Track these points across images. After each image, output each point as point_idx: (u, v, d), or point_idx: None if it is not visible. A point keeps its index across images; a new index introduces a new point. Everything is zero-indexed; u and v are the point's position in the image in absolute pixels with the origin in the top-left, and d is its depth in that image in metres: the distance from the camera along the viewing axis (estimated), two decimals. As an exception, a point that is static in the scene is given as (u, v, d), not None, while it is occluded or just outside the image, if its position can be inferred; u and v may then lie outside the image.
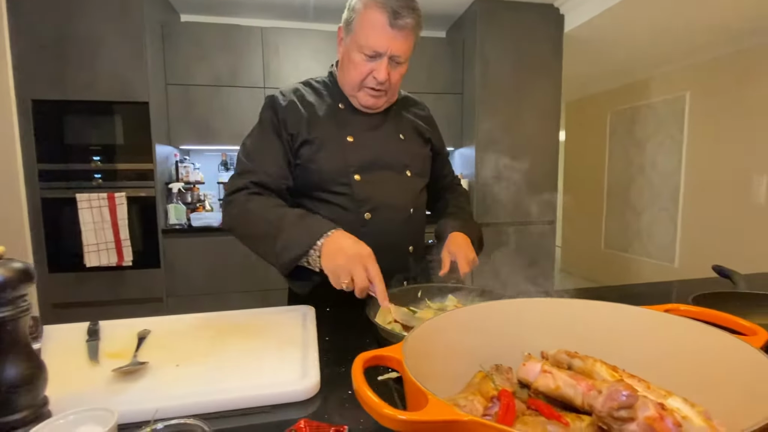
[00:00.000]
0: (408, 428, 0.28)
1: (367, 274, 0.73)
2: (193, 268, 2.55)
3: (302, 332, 0.74)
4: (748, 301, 0.79)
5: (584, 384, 0.42)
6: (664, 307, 0.49)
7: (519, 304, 0.56)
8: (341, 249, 0.74)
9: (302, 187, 0.97)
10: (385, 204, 0.96)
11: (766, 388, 0.33)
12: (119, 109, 2.41)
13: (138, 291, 2.49)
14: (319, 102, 0.98)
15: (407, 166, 1.01)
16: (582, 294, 1.09)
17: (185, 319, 0.81)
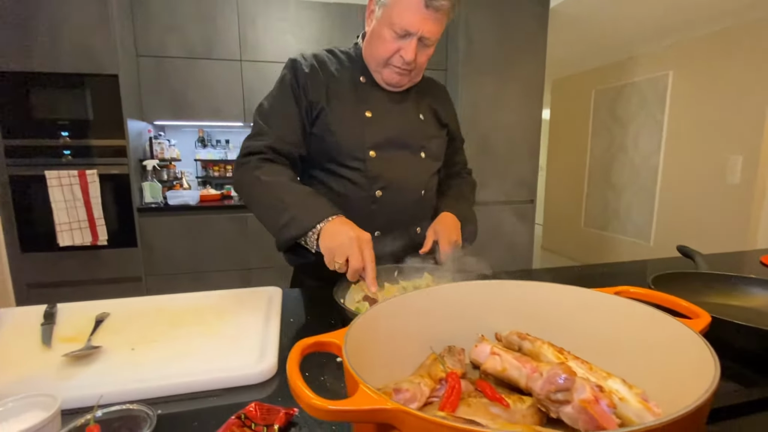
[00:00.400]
0: (336, 417, 0.28)
1: (362, 257, 0.74)
2: (172, 247, 2.51)
3: (265, 314, 0.73)
4: (705, 281, 0.81)
5: (529, 366, 0.42)
6: (614, 290, 0.50)
7: (477, 287, 0.56)
8: (341, 231, 0.75)
9: (316, 157, 0.96)
10: (397, 183, 0.96)
11: (704, 371, 0.34)
12: (87, 81, 2.30)
13: (115, 271, 2.45)
14: (340, 72, 0.95)
15: (423, 148, 1.00)
16: (551, 274, 1.10)
17: (147, 301, 0.79)
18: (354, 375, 0.32)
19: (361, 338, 0.42)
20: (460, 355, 0.50)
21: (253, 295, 0.83)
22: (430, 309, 0.53)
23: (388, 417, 0.28)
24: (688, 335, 0.39)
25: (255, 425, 0.45)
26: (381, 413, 0.28)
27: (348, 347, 0.37)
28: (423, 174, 1.01)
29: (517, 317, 0.55)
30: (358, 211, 0.93)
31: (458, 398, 0.41)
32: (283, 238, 0.80)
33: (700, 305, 0.81)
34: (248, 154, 0.90)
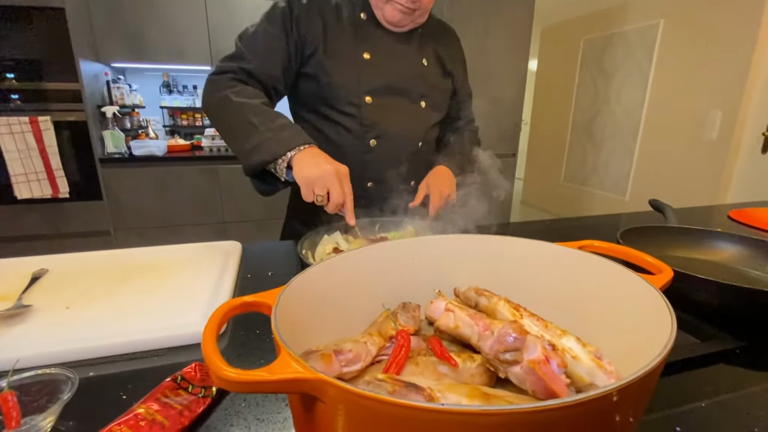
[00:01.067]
0: (249, 389, 0.24)
1: (342, 191, 0.71)
2: (140, 200, 2.41)
3: (220, 270, 0.69)
4: (672, 234, 0.80)
5: (481, 324, 0.40)
6: (578, 244, 0.47)
7: (437, 242, 0.53)
8: (317, 162, 0.71)
9: (308, 100, 0.90)
10: (393, 133, 0.90)
11: (662, 330, 0.31)
12: (30, 15, 2.05)
13: (81, 224, 2.35)
14: (340, 6, 0.86)
15: (423, 96, 0.93)
16: (522, 228, 1.09)
17: (91, 256, 0.74)
18: (277, 338, 0.28)
19: (303, 297, 0.39)
20: (415, 312, 0.47)
21: (209, 250, 0.78)
22: (386, 264, 0.49)
23: (309, 388, 0.25)
24: (648, 291, 0.36)
25: (192, 387, 0.42)
26: (299, 383, 0.24)
27: (280, 308, 0.33)
28: (421, 125, 0.95)
29: (479, 272, 0.52)
30: (350, 160, 0.87)
31: (406, 357, 0.39)
32: (250, 162, 0.75)
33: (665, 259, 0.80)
34: (221, 72, 0.82)
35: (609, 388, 0.23)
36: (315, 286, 0.41)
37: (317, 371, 0.32)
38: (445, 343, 0.44)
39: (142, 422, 0.36)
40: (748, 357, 0.50)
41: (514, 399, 0.32)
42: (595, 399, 0.22)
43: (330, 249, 0.75)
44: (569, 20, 4.15)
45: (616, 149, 3.70)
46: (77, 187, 2.29)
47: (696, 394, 0.44)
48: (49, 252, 0.76)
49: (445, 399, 0.32)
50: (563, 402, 0.22)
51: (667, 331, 0.30)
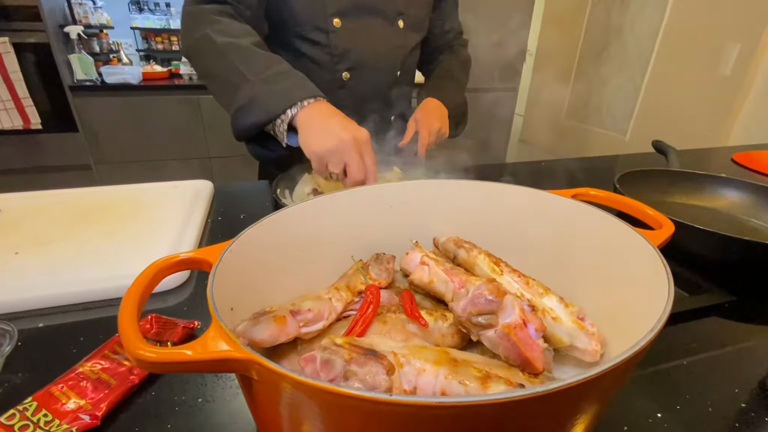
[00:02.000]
0: (169, 369, 0.21)
1: (364, 164, 0.56)
2: (118, 132, 2.28)
3: (187, 212, 0.64)
4: (673, 179, 0.75)
5: (457, 280, 0.36)
6: (572, 192, 0.42)
7: (415, 187, 0.48)
8: (331, 129, 0.56)
9: (275, 30, 0.77)
10: (368, 61, 0.80)
11: (657, 295, 0.28)
12: None
13: (58, 158, 2.25)
14: None
15: (400, 14, 0.80)
16: (517, 170, 1.03)
17: (47, 195, 0.68)
18: (210, 306, 0.24)
19: (258, 251, 0.34)
20: (389, 264, 0.43)
21: (176, 191, 0.73)
22: (359, 212, 0.45)
23: (239, 367, 0.21)
24: (645, 249, 0.32)
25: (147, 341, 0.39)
26: (227, 363, 0.21)
27: (224, 268, 0.29)
28: (400, 49, 0.84)
29: (463, 222, 0.48)
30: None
31: (374, 315, 0.36)
32: (241, 124, 0.61)
33: (664, 205, 0.76)
34: (199, 1, 0.67)
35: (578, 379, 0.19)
36: (272, 238, 0.36)
37: (264, 338, 0.29)
38: (419, 298, 0.41)
39: (84, 382, 0.33)
40: (739, 311, 0.48)
41: (484, 365, 0.30)
42: (566, 389, 0.19)
43: (309, 189, 0.70)
44: (588, -68, 3.70)
45: (623, 85, 3.52)
46: (49, 117, 2.15)
47: (683, 350, 0.42)
48: (26, 186, 0.70)
49: (409, 365, 0.29)
50: (528, 393, 0.18)
51: (662, 299, 0.26)
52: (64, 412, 0.31)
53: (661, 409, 0.35)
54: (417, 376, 0.29)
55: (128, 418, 0.33)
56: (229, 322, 0.29)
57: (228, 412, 0.34)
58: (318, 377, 0.28)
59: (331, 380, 0.27)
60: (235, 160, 2.55)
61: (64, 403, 0.31)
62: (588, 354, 0.34)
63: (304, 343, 0.35)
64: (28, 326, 0.42)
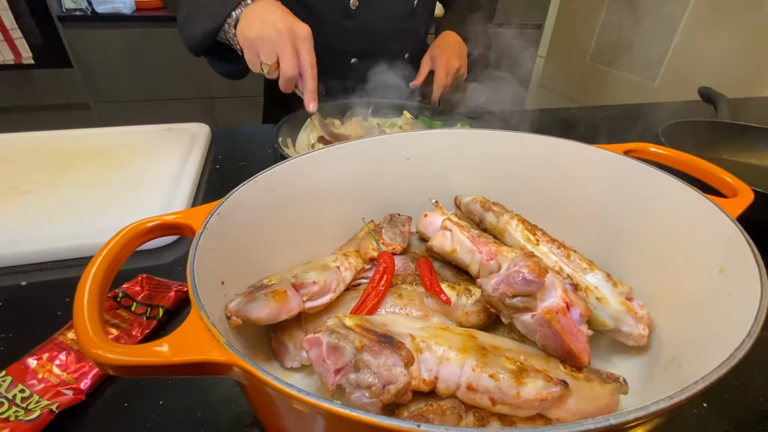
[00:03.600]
0: (144, 374, 0.17)
1: (297, 60, 0.52)
2: (114, 68, 2.16)
3: (182, 158, 0.59)
4: (723, 131, 0.67)
5: (485, 251, 0.31)
6: (624, 147, 0.36)
7: (438, 137, 0.41)
8: (268, 18, 0.51)
9: None
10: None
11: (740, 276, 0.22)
12: None
13: (54, 95, 2.15)
14: None
15: None
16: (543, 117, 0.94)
17: (33, 137, 0.63)
18: (189, 286, 0.19)
19: (253, 213, 0.29)
20: (404, 226, 0.38)
21: (171, 134, 0.66)
22: (370, 165, 0.39)
23: (221, 371, 0.17)
24: (721, 222, 0.26)
25: (136, 305, 0.35)
26: (206, 368, 0.16)
27: (210, 235, 0.24)
28: None
29: (489, 179, 0.42)
30: (328, 28, 0.70)
31: (387, 288, 0.32)
32: (190, 35, 0.56)
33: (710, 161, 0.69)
34: None
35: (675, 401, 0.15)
36: (269, 197, 0.31)
37: (262, 316, 0.25)
38: (437, 266, 0.36)
39: (65, 352, 0.30)
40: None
41: (517, 354, 0.25)
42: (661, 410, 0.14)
43: (315, 138, 0.63)
44: None
45: (659, 23, 3.20)
46: (40, 51, 2.03)
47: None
48: (22, 125, 0.64)
49: (429, 351, 0.25)
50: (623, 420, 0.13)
51: (750, 290, 0.21)
52: (43, 388, 0.28)
53: (706, 399, 0.32)
54: (439, 365, 0.25)
55: (116, 393, 0.30)
56: (220, 297, 0.25)
57: (224, 387, 0.31)
58: (324, 365, 0.24)
59: (338, 369, 0.24)
60: (239, 101, 2.43)
61: (44, 377, 0.28)
62: (632, 338, 0.29)
63: (310, 317, 0.31)
64: (10, 284, 0.39)
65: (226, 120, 2.42)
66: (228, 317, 0.25)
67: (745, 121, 0.68)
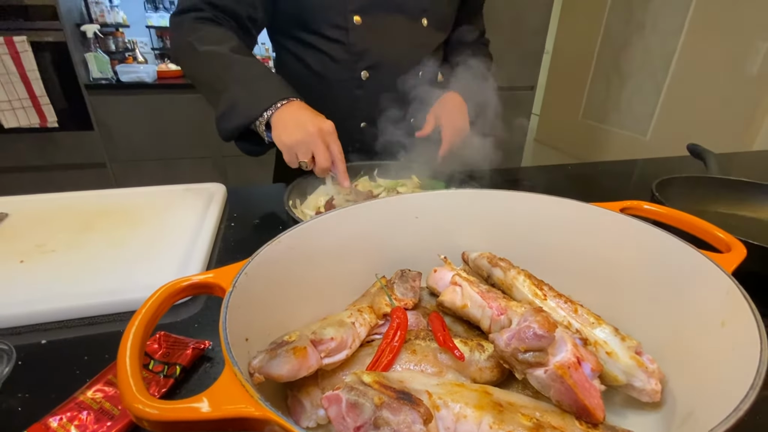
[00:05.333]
0: (183, 429, 0.17)
1: (329, 154, 0.61)
2: (133, 130, 2.28)
3: (200, 218, 0.62)
4: (714, 186, 0.70)
5: (495, 306, 0.33)
6: (620, 205, 0.38)
7: (445, 197, 0.44)
8: (298, 122, 0.60)
9: (286, 23, 0.76)
10: (389, 60, 0.77)
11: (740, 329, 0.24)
12: None
13: (73, 156, 2.26)
14: None
15: (425, 12, 0.77)
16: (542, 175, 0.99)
17: (57, 198, 0.66)
18: (223, 345, 0.21)
19: (274, 270, 0.31)
20: (415, 281, 0.40)
21: (189, 193, 0.70)
22: (381, 224, 0.41)
23: (258, 426, 0.18)
24: (717, 278, 0.28)
25: (153, 363, 0.36)
26: (245, 423, 0.17)
27: (239, 294, 0.25)
28: (423, 48, 0.80)
29: (494, 235, 0.44)
30: (339, 96, 0.77)
31: (401, 344, 0.32)
32: (224, 128, 0.64)
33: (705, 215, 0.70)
34: (182, 11, 0.69)
35: None
36: (290, 256, 0.33)
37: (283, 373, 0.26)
38: (449, 321, 0.37)
39: (85, 412, 0.30)
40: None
41: (533, 411, 0.26)
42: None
43: (323, 202, 0.66)
44: (609, -73, 3.60)
45: (644, 83, 3.41)
46: (65, 116, 2.16)
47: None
48: (41, 184, 0.68)
49: (446, 408, 0.26)
50: None
51: (749, 342, 0.22)
52: (62, 449, 0.28)
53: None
54: (456, 423, 0.25)
55: (132, 455, 0.30)
56: (244, 354, 0.26)
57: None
58: (344, 423, 0.24)
59: (358, 427, 0.24)
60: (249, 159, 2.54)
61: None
62: (646, 394, 0.29)
63: (326, 374, 0.31)
64: (30, 342, 0.40)
65: (237, 177, 2.51)
66: (251, 374, 0.26)
67: (735, 176, 0.72)
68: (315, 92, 0.75)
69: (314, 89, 0.75)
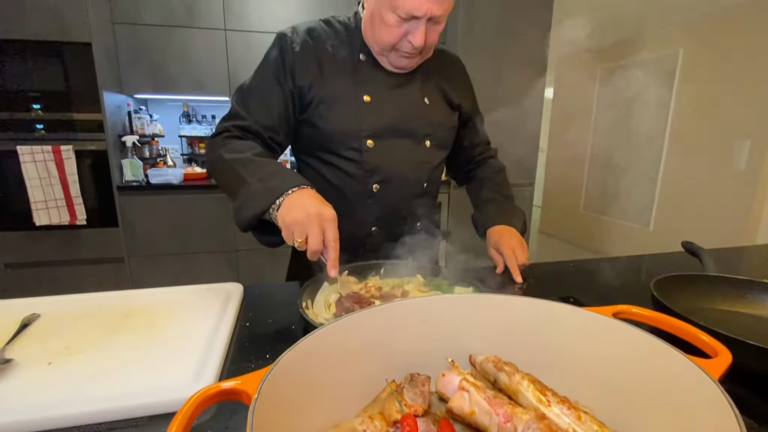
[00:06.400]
0: None
1: (323, 238, 0.64)
2: (155, 227, 2.42)
3: (217, 318, 0.65)
4: (713, 283, 0.72)
5: (502, 413, 0.34)
6: (612, 309, 0.41)
7: (450, 301, 0.47)
8: (302, 205, 0.65)
9: (308, 146, 0.88)
10: (397, 176, 0.87)
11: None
12: (59, 50, 2.14)
13: (96, 251, 2.36)
14: (337, 48, 0.84)
15: (428, 136, 0.90)
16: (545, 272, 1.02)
17: (85, 299, 0.71)
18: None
19: (292, 377, 0.34)
20: (424, 386, 0.41)
21: (209, 293, 0.74)
22: (392, 328, 0.44)
23: None
24: (704, 383, 0.30)
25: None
26: None
27: (262, 401, 0.28)
28: (427, 165, 0.91)
29: (498, 338, 0.46)
30: (353, 205, 0.86)
31: (412, 452, 0.33)
32: (241, 218, 0.70)
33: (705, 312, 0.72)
34: (217, 133, 0.82)
35: None
36: (307, 361, 0.36)
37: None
38: (458, 427, 0.38)
39: None
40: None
41: None
42: None
43: (333, 300, 0.69)
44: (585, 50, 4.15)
45: (638, 178, 3.60)
46: (94, 214, 2.32)
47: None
48: (61, 278, 0.73)
49: None
50: None
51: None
52: None
53: None
54: None
55: None
56: (262, 463, 0.28)
57: None
58: None
59: None
60: (262, 255, 2.62)
61: None
62: None
63: (338, 485, 0.32)
64: (49, 450, 0.41)
65: (249, 270, 2.57)
66: (269, 484, 0.27)
67: (736, 271, 0.75)
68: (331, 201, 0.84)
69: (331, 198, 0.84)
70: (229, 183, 0.74)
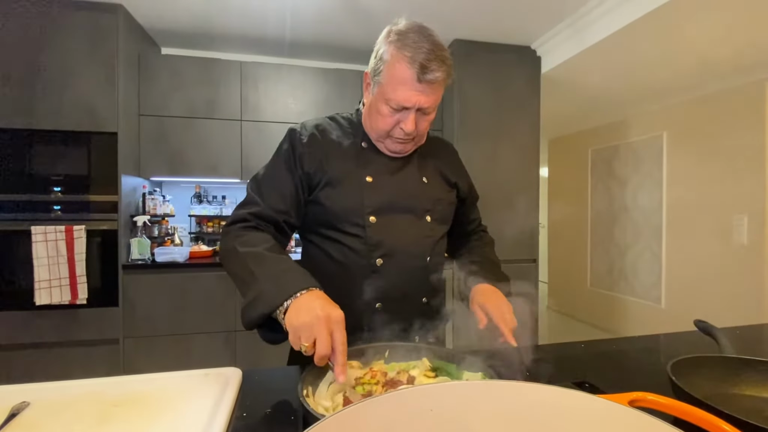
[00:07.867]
0: None
1: (331, 341, 0.64)
2: (154, 306, 2.38)
3: (214, 405, 0.62)
4: (732, 366, 0.69)
5: None
6: (628, 397, 0.39)
7: (456, 389, 0.46)
8: (310, 308, 0.66)
9: (312, 223, 0.92)
10: (399, 250, 0.90)
11: None
12: (86, 139, 2.32)
13: (92, 332, 2.30)
14: (341, 138, 0.93)
15: (428, 211, 0.94)
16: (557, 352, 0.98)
17: (76, 386, 0.68)
18: None
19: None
20: (433, 486, 0.38)
21: (206, 379, 0.71)
22: (398, 419, 0.42)
23: None
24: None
25: None
26: None
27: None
28: (428, 239, 0.94)
29: (511, 426, 0.44)
30: (357, 280, 0.87)
31: None
32: (249, 316, 0.72)
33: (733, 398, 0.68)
34: (232, 222, 0.86)
35: None
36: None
37: None
38: None
39: None
40: None
41: None
42: None
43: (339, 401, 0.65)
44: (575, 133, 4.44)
45: (642, 254, 3.59)
46: (96, 293, 2.30)
47: None
48: (52, 360, 0.71)
49: None
50: None
51: None
52: None
53: None
54: None
55: None
56: None
57: None
58: None
59: None
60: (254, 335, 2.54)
61: None
62: None
63: None
64: None
65: (246, 351, 2.46)
66: None
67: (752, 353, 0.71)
68: (336, 277, 0.86)
69: (335, 274, 0.86)
70: (240, 275, 0.77)
